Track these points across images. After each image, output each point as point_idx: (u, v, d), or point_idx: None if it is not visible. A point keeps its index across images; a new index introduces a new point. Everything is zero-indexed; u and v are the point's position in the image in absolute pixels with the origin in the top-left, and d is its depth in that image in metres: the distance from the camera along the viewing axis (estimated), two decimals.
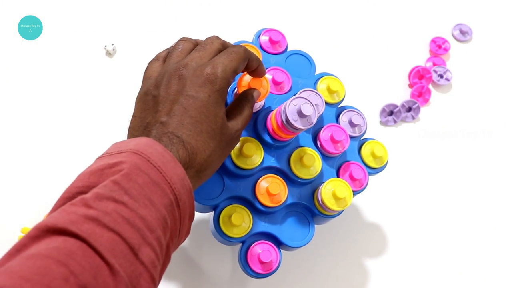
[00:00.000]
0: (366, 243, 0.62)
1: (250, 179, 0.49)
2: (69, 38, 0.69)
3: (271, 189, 0.47)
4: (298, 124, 0.44)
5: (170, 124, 0.37)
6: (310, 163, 0.49)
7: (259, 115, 0.49)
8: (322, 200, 0.48)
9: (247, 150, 0.47)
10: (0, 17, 0.69)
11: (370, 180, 0.54)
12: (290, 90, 0.52)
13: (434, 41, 0.75)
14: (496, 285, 0.61)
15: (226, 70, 0.39)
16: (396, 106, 0.69)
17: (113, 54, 0.68)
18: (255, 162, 0.48)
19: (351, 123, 0.53)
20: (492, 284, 0.61)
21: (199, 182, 0.39)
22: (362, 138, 0.55)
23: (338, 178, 0.50)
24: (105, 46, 0.68)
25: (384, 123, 0.69)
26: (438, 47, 0.75)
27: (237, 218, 0.47)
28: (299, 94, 0.47)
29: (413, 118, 0.69)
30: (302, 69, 0.55)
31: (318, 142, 0.51)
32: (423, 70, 0.71)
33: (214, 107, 0.39)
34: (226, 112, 0.41)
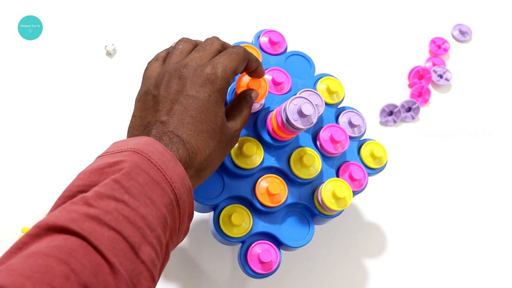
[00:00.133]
0: (366, 243, 0.62)
1: (250, 179, 0.49)
2: (69, 38, 0.69)
3: (271, 189, 0.47)
4: (298, 123, 0.44)
5: (170, 123, 0.37)
6: (310, 163, 0.49)
7: (259, 115, 0.49)
8: (322, 200, 0.48)
9: (247, 150, 0.47)
10: (0, 17, 0.69)
11: (370, 180, 0.54)
12: (290, 90, 0.52)
13: (433, 41, 0.75)
14: (496, 285, 0.61)
15: (226, 70, 0.40)
16: (395, 106, 0.69)
17: (113, 54, 0.68)
18: (255, 162, 0.48)
19: (351, 124, 0.53)
20: (492, 284, 0.61)
21: (199, 182, 0.40)
22: (361, 139, 0.55)
23: (338, 178, 0.50)
24: (105, 46, 0.68)
25: (384, 123, 0.69)
26: (438, 47, 0.75)
27: (237, 218, 0.47)
28: (299, 94, 0.47)
29: (412, 118, 0.69)
30: (302, 70, 0.55)
31: (318, 142, 0.51)
32: (423, 70, 0.72)
33: (214, 107, 0.39)
34: (225, 112, 0.41)
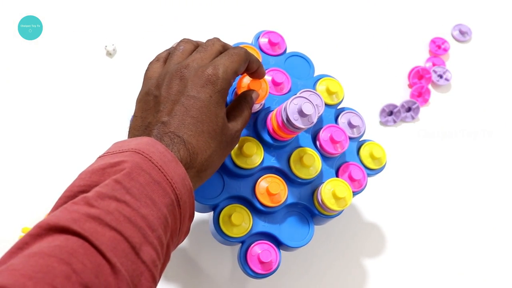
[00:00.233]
0: (366, 244, 0.62)
1: (250, 178, 0.49)
2: (69, 38, 0.69)
3: (271, 189, 0.47)
4: (298, 123, 0.44)
5: (172, 124, 0.37)
6: (310, 163, 0.49)
7: (259, 115, 0.49)
8: (322, 200, 0.48)
9: (247, 150, 0.47)
10: (0, 17, 0.69)
11: (369, 180, 0.54)
12: (290, 91, 0.52)
13: (433, 41, 0.75)
14: (496, 285, 0.61)
15: (227, 71, 0.40)
16: (395, 106, 0.69)
17: (113, 54, 0.68)
18: (255, 162, 0.48)
19: (350, 125, 0.53)
20: (492, 284, 0.61)
21: (200, 182, 0.40)
22: (360, 140, 0.55)
23: (337, 178, 0.50)
24: (105, 46, 0.68)
25: (383, 123, 0.69)
26: (438, 47, 0.75)
27: (237, 218, 0.47)
28: (300, 94, 0.47)
29: (412, 118, 0.70)
30: (301, 71, 0.55)
31: (318, 143, 0.51)
32: (423, 70, 0.72)
33: (215, 107, 0.39)
34: (225, 113, 0.41)
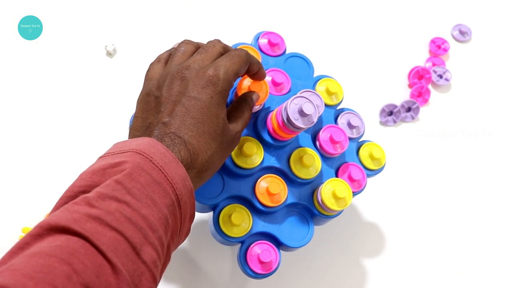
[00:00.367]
0: (366, 244, 0.62)
1: (250, 178, 0.49)
2: (69, 38, 0.69)
3: (271, 188, 0.47)
4: (299, 123, 0.44)
5: (172, 124, 0.37)
6: (310, 163, 0.49)
7: (259, 115, 0.49)
8: (322, 200, 0.48)
9: (247, 150, 0.47)
10: (0, 17, 0.69)
11: (369, 180, 0.54)
12: (290, 91, 0.52)
13: (433, 41, 0.75)
14: (496, 285, 0.61)
15: (228, 72, 0.40)
16: (395, 106, 0.69)
17: (113, 54, 0.68)
18: (255, 162, 0.48)
19: (350, 125, 0.53)
20: (492, 284, 0.61)
21: (200, 183, 0.40)
22: (360, 140, 0.55)
23: (337, 178, 0.50)
24: (105, 46, 0.68)
25: (383, 123, 0.69)
26: (438, 48, 0.75)
27: (237, 218, 0.47)
28: (300, 94, 0.47)
29: (412, 118, 0.70)
30: (301, 71, 0.55)
31: (318, 143, 0.51)
32: (423, 70, 0.72)
33: (216, 108, 0.39)
34: (226, 114, 0.41)
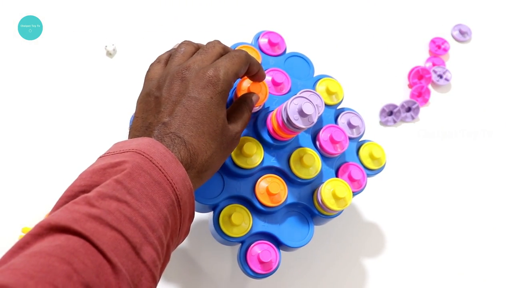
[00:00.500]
0: (366, 244, 0.62)
1: (250, 178, 0.49)
2: (69, 38, 0.69)
3: (271, 188, 0.48)
4: (299, 123, 0.44)
5: (172, 124, 0.38)
6: (310, 163, 0.49)
7: (259, 115, 0.49)
8: (322, 200, 0.48)
9: (247, 150, 0.47)
10: (0, 17, 0.69)
11: (369, 180, 0.54)
12: (290, 91, 0.52)
13: (433, 41, 0.75)
14: (496, 285, 0.61)
15: (228, 73, 0.40)
16: (395, 106, 0.69)
17: (113, 54, 0.68)
18: (255, 162, 0.48)
19: (350, 125, 0.53)
20: (492, 284, 0.61)
21: (200, 183, 0.40)
22: (360, 140, 0.55)
23: (337, 178, 0.50)
24: (105, 47, 0.68)
25: (383, 123, 0.69)
26: (438, 48, 0.75)
27: (237, 218, 0.47)
28: (300, 94, 0.47)
29: (412, 118, 0.70)
30: (301, 71, 0.55)
31: (318, 143, 0.51)
32: (423, 70, 0.72)
33: (216, 109, 0.39)
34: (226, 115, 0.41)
